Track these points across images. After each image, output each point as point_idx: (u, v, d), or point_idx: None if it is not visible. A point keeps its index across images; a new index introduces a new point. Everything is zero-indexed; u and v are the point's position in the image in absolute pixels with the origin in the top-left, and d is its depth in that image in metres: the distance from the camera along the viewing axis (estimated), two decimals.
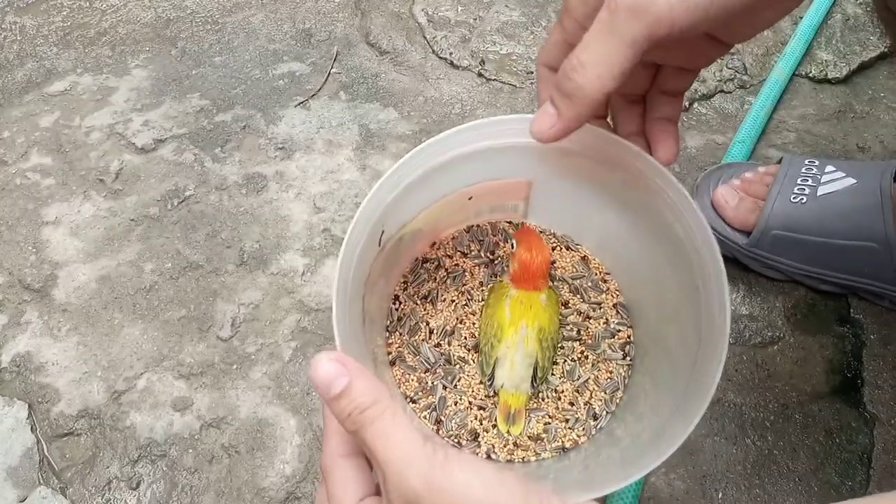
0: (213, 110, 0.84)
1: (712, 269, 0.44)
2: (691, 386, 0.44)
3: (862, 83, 0.90)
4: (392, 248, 0.50)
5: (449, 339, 0.57)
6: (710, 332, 0.45)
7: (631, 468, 0.41)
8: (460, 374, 0.56)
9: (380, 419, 0.33)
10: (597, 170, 0.49)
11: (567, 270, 0.60)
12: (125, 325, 0.69)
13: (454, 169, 0.48)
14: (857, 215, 0.67)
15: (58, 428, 0.64)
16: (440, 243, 0.60)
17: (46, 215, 0.76)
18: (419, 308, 0.58)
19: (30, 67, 0.87)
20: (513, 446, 0.53)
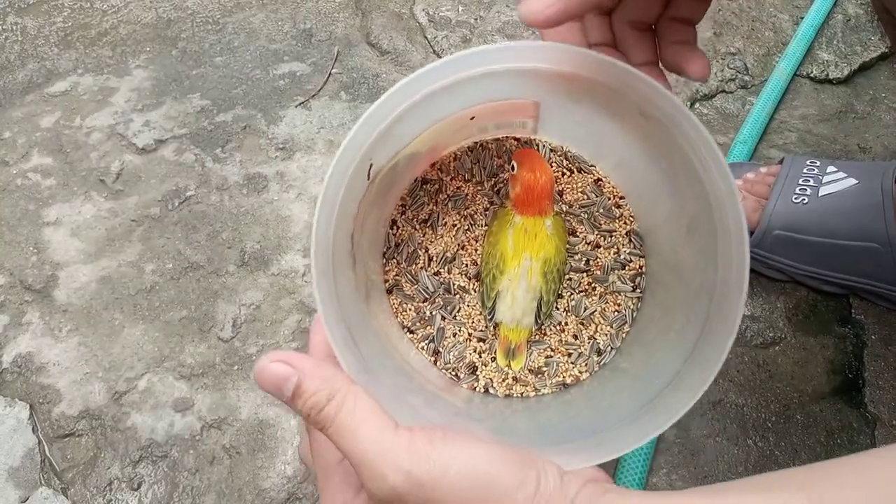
0: (214, 110, 0.84)
1: (731, 218, 0.40)
2: (711, 321, 0.42)
3: (863, 83, 0.90)
4: (386, 176, 0.47)
5: (449, 266, 0.55)
6: (725, 287, 0.42)
7: (640, 426, 0.39)
8: (460, 304, 0.54)
9: (340, 414, 0.31)
10: (611, 95, 0.45)
11: (577, 198, 0.56)
12: (126, 326, 0.69)
13: (452, 93, 0.43)
14: (858, 215, 0.67)
15: (59, 429, 0.64)
16: (441, 163, 0.56)
17: (47, 216, 0.76)
18: (418, 233, 0.55)
19: (31, 68, 0.87)
20: (512, 381, 0.52)
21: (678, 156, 0.44)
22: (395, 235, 0.54)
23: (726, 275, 0.41)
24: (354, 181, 0.41)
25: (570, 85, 0.46)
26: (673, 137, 0.44)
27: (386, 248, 0.54)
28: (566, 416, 0.50)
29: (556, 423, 0.49)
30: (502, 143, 0.57)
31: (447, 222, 0.55)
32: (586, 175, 0.57)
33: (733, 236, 0.40)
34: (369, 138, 0.40)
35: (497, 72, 0.43)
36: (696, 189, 0.44)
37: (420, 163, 0.54)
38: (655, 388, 0.43)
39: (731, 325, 0.39)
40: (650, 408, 0.41)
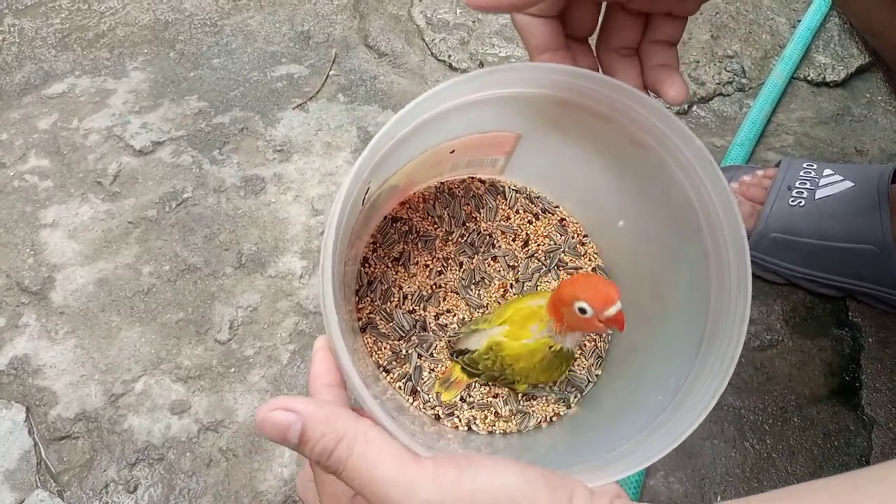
0: (212, 112, 0.84)
1: (729, 235, 0.41)
2: (703, 358, 0.42)
3: (860, 87, 0.91)
4: (367, 211, 0.47)
5: (424, 304, 0.54)
6: (721, 301, 0.42)
7: (649, 446, 0.39)
8: (436, 341, 0.53)
9: (352, 457, 0.30)
10: (593, 123, 0.46)
11: (541, 244, 0.57)
12: (123, 328, 0.69)
13: (444, 121, 0.44)
14: (854, 218, 0.67)
15: (55, 431, 0.64)
16: (410, 202, 0.57)
17: (44, 218, 0.76)
18: (391, 271, 0.55)
19: (28, 69, 0.87)
20: (493, 417, 0.51)
21: (665, 181, 0.45)
22: (368, 273, 0.54)
23: (721, 295, 0.42)
24: (353, 206, 0.41)
25: (555, 110, 0.47)
26: (660, 161, 0.44)
27: (359, 285, 0.54)
28: (564, 443, 0.50)
29: (556, 448, 0.49)
30: (469, 187, 0.58)
31: (419, 262, 0.56)
32: (550, 216, 0.58)
33: (732, 255, 0.41)
34: (373, 163, 0.40)
35: (488, 98, 0.44)
36: (680, 214, 0.44)
37: (394, 198, 0.55)
38: (653, 412, 0.43)
39: (733, 347, 0.39)
40: (650, 431, 0.41)
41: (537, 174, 0.57)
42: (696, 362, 0.42)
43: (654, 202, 0.47)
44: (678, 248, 0.46)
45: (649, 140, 0.44)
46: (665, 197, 0.45)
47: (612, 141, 0.46)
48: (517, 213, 0.58)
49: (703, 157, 0.42)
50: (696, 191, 0.43)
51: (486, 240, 0.57)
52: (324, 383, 0.36)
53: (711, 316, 0.42)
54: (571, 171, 0.53)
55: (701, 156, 0.42)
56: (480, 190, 0.58)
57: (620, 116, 0.44)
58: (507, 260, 0.57)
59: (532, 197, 0.58)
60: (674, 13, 0.42)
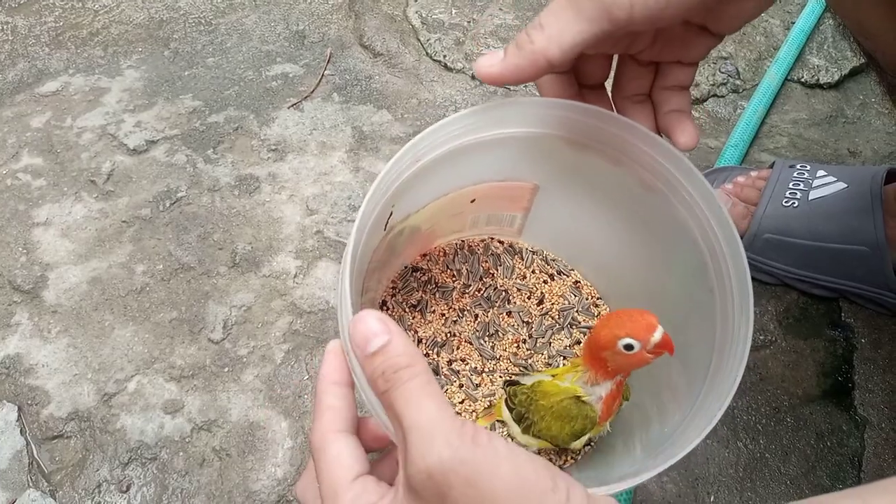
0: (206, 111, 0.84)
1: (732, 268, 0.42)
2: (709, 386, 0.43)
3: (853, 88, 0.91)
4: (389, 243, 0.48)
5: (438, 350, 0.56)
6: (724, 335, 0.43)
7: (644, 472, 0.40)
8: (448, 385, 0.55)
9: (412, 381, 0.31)
10: (605, 168, 0.47)
11: (556, 302, 0.59)
12: (116, 327, 0.69)
13: (463, 158, 0.45)
14: (847, 219, 0.67)
15: (47, 430, 0.64)
16: (430, 255, 0.59)
17: (37, 216, 0.75)
18: (408, 316, 0.57)
19: (21, 68, 0.87)
20: None
21: (671, 221, 0.45)
22: (386, 314, 0.55)
23: (725, 332, 0.42)
24: (376, 226, 0.42)
25: (573, 155, 0.48)
26: (668, 202, 0.45)
27: None
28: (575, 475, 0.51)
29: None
30: (488, 245, 0.60)
31: (436, 310, 0.58)
32: (565, 278, 0.60)
33: (733, 321, 0.41)
34: (395, 184, 0.41)
35: (505, 137, 0.45)
36: (687, 255, 0.45)
37: (415, 244, 0.56)
38: (663, 436, 0.44)
39: (729, 385, 0.41)
40: (664, 451, 0.42)
41: (553, 236, 0.59)
42: (697, 400, 0.43)
43: (663, 247, 0.48)
44: (687, 293, 0.47)
45: (658, 183, 0.45)
46: (673, 240, 0.46)
47: (624, 186, 0.48)
48: (533, 272, 0.60)
49: (704, 190, 0.42)
50: (699, 227, 0.43)
51: (502, 295, 0.59)
52: (332, 381, 0.37)
53: (716, 354, 0.43)
54: (585, 231, 0.54)
55: (702, 189, 0.42)
56: (499, 249, 0.60)
57: (631, 160, 0.45)
58: (522, 316, 0.59)
59: (548, 259, 0.60)
60: (682, 61, 0.43)
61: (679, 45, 0.42)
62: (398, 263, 0.57)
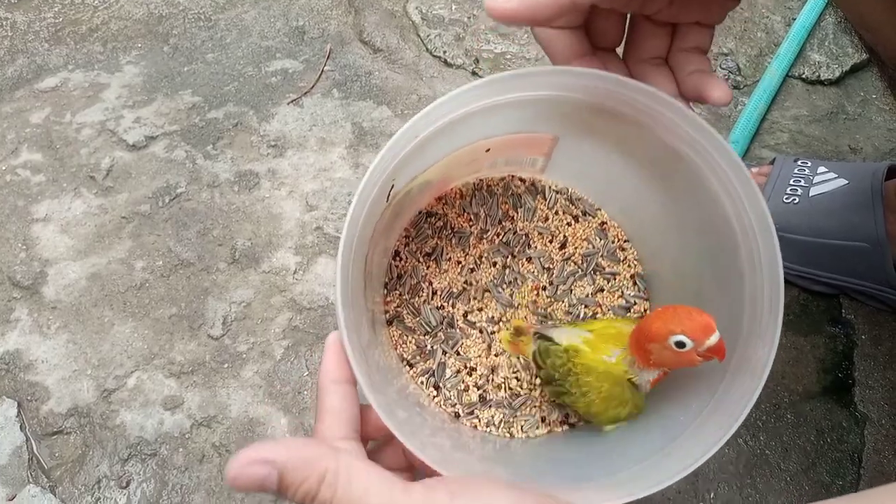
0: (206, 107, 0.84)
1: (765, 258, 0.39)
2: (736, 366, 0.40)
3: (854, 85, 0.91)
4: (398, 202, 0.46)
5: (453, 301, 0.54)
6: (752, 328, 0.40)
7: (660, 469, 0.38)
8: (463, 339, 0.53)
9: (338, 493, 0.29)
10: (628, 131, 0.44)
11: (579, 247, 0.55)
12: (115, 323, 0.69)
13: (474, 122, 0.43)
14: (848, 216, 0.67)
15: (47, 426, 0.64)
16: (446, 197, 0.56)
17: (36, 212, 0.75)
18: (422, 266, 0.54)
19: (20, 63, 0.87)
20: (512, 419, 0.50)
21: (701, 193, 0.42)
22: (398, 266, 0.54)
23: (753, 319, 0.40)
24: (375, 203, 0.40)
25: (591, 118, 0.45)
26: (697, 171, 0.42)
27: (388, 278, 0.53)
28: (580, 454, 0.48)
29: (571, 460, 0.48)
30: (508, 185, 0.56)
31: (451, 258, 0.55)
32: (591, 219, 0.56)
33: (766, 275, 0.39)
34: (395, 160, 0.39)
35: (519, 100, 0.42)
36: (718, 229, 0.42)
37: (429, 192, 0.54)
38: (672, 433, 0.41)
39: (758, 375, 0.38)
40: (668, 452, 0.40)
41: (578, 175, 0.55)
42: (720, 387, 0.41)
43: (694, 216, 0.46)
44: (716, 266, 0.44)
45: (686, 150, 0.42)
46: (705, 213, 0.43)
47: (650, 149, 0.45)
48: (556, 213, 0.57)
49: (743, 176, 0.40)
50: (735, 210, 0.41)
51: (522, 240, 0.56)
52: (332, 379, 0.36)
53: (741, 341, 0.41)
54: (613, 175, 0.51)
55: (741, 175, 0.40)
56: (520, 189, 0.56)
57: (656, 124, 0.42)
58: (543, 262, 0.55)
59: (573, 198, 0.56)
60: (701, 22, 0.41)
61: (698, 5, 0.40)
62: (411, 211, 0.54)
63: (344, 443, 0.34)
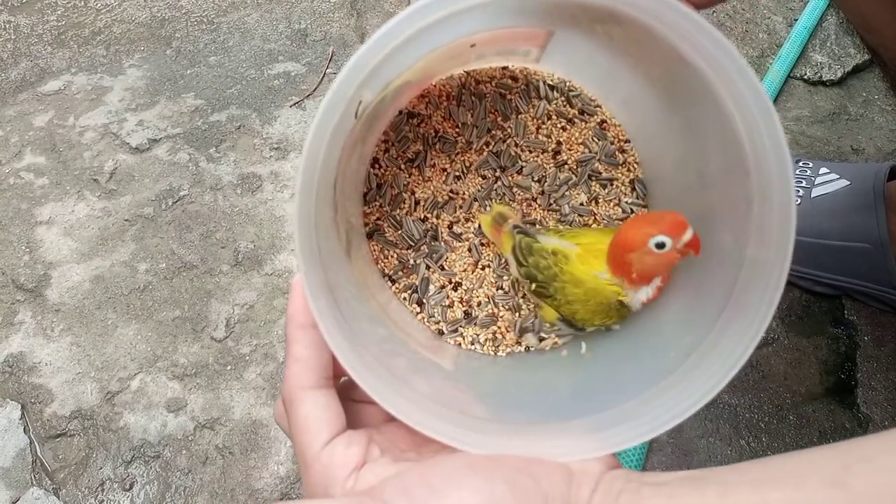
0: (208, 110, 0.84)
1: (777, 187, 0.35)
2: (741, 294, 0.37)
3: (856, 85, 0.91)
4: (372, 110, 0.41)
5: (438, 212, 0.50)
6: (757, 260, 0.36)
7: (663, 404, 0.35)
8: (448, 252, 0.49)
9: None
10: (634, 31, 0.39)
11: (574, 153, 0.51)
12: (119, 326, 0.69)
13: (456, 21, 0.38)
14: (850, 216, 0.67)
15: (51, 429, 0.64)
16: (430, 96, 0.51)
17: (40, 215, 0.75)
18: (403, 174, 0.50)
19: (24, 66, 0.87)
20: (501, 336, 0.48)
21: (712, 107, 0.38)
22: (378, 176, 0.49)
23: (763, 247, 0.36)
24: (341, 125, 0.36)
25: (591, 13, 0.40)
26: (709, 85, 0.37)
27: (367, 188, 0.49)
28: (570, 379, 0.46)
29: (559, 386, 0.45)
30: (499, 82, 0.51)
31: (436, 165, 0.50)
32: (589, 119, 0.51)
33: (776, 207, 0.35)
34: (359, 79, 0.35)
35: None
36: (727, 148, 0.38)
37: (409, 93, 0.48)
38: (671, 360, 0.38)
39: (759, 318, 0.35)
40: (672, 383, 0.37)
41: (577, 66, 0.50)
42: (717, 324, 0.37)
43: (703, 128, 0.42)
44: (724, 187, 0.41)
45: (700, 61, 0.37)
46: (715, 128, 0.39)
47: (658, 52, 0.40)
48: (550, 118, 0.51)
49: (761, 100, 0.35)
50: (748, 131, 0.37)
51: (513, 153, 0.51)
52: (299, 325, 0.34)
53: (744, 274, 0.37)
54: (615, 67, 0.46)
55: (759, 98, 0.35)
56: (511, 91, 0.51)
57: (667, 30, 0.37)
58: (535, 175, 0.51)
59: (570, 96, 0.51)
60: None
61: None
62: (390, 113, 0.49)
63: (311, 393, 0.33)
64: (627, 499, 0.29)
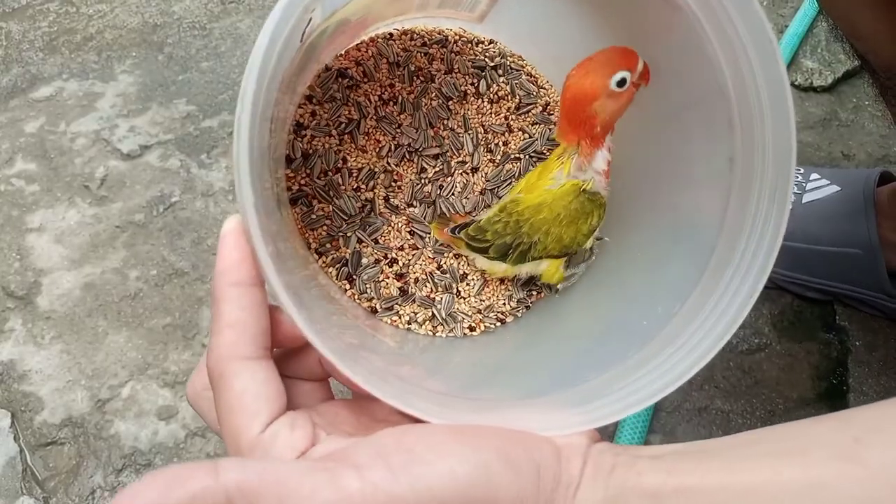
0: (200, 116, 0.84)
1: (773, 135, 0.31)
2: (704, 290, 0.34)
3: (847, 91, 0.91)
4: (309, 45, 0.36)
5: (372, 183, 0.46)
6: (740, 220, 0.33)
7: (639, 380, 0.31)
8: (383, 225, 0.46)
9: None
10: None
11: (518, 138, 0.48)
12: (109, 333, 0.69)
13: None
14: (841, 222, 0.67)
15: (41, 437, 0.64)
16: (362, 59, 0.46)
17: (31, 222, 0.75)
18: (333, 140, 0.46)
19: (15, 73, 0.87)
20: (439, 320, 0.44)
21: (695, 58, 0.34)
22: (304, 142, 0.46)
23: (742, 215, 0.33)
24: (290, 42, 0.30)
25: None
26: (695, 29, 0.33)
27: (289, 150, 0.45)
28: (532, 356, 0.42)
29: (523, 363, 0.42)
30: (434, 55, 0.47)
31: (370, 135, 0.46)
32: (535, 103, 0.48)
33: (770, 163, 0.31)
34: None
35: None
36: (706, 101, 0.35)
37: (343, 38, 0.44)
38: (645, 328, 0.35)
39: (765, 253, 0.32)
40: (655, 351, 0.33)
41: (528, 30, 0.46)
42: (693, 291, 0.34)
43: (677, 80, 0.38)
44: (697, 146, 0.38)
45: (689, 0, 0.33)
46: (692, 77, 0.35)
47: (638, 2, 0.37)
48: (495, 111, 0.48)
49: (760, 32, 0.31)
50: (735, 75, 0.32)
51: (456, 143, 0.48)
52: (233, 281, 0.29)
53: (723, 238, 0.34)
54: (576, 29, 0.43)
55: (758, 30, 0.31)
56: (454, 73, 0.47)
57: None
58: (479, 167, 0.49)
59: (513, 82, 0.48)
60: None
61: None
62: (316, 65, 0.45)
63: (248, 365, 0.28)
64: (622, 473, 0.27)
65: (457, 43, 0.48)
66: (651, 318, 0.35)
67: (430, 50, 0.48)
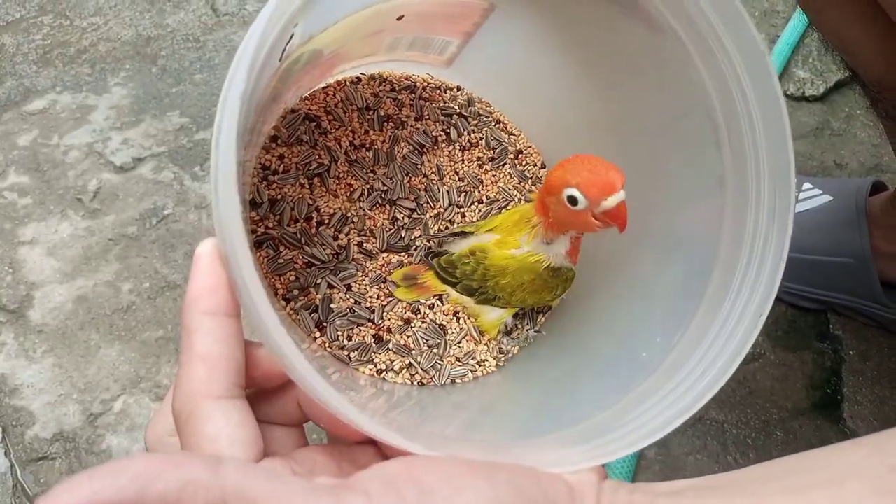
0: (193, 128, 0.84)
1: (767, 153, 0.29)
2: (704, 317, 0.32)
3: (839, 101, 0.92)
4: (281, 76, 0.34)
5: (346, 228, 0.45)
6: (735, 246, 0.31)
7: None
8: (357, 272, 0.44)
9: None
10: (592, 13, 0.35)
11: (490, 189, 0.47)
12: (102, 347, 0.68)
13: None
14: (834, 231, 0.68)
15: (32, 452, 0.63)
16: (328, 105, 0.46)
17: (23, 235, 0.75)
18: (304, 189, 0.45)
19: (9, 86, 0.87)
20: (415, 370, 0.43)
21: (682, 84, 0.33)
22: (271, 185, 0.44)
23: (738, 239, 0.31)
24: (272, 54, 0.28)
25: None
26: (682, 50, 0.32)
27: (252, 195, 0.43)
28: (524, 398, 0.41)
29: (517, 405, 0.41)
30: (402, 102, 0.46)
31: (341, 179, 0.45)
32: (504, 157, 0.48)
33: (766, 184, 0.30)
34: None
35: None
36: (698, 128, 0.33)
37: (314, 73, 0.43)
38: (645, 361, 0.34)
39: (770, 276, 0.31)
40: (658, 383, 0.32)
41: (496, 73, 0.45)
42: (692, 322, 0.33)
43: (661, 108, 0.37)
44: (684, 168, 0.36)
45: (673, 22, 0.31)
46: (676, 97, 0.34)
47: (616, 25, 0.35)
48: (466, 160, 0.48)
49: (753, 52, 0.29)
50: (723, 97, 0.31)
51: (430, 192, 0.48)
52: (205, 311, 0.26)
53: (720, 262, 0.33)
54: (548, 74, 0.41)
55: (751, 51, 0.29)
56: (425, 119, 0.47)
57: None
58: (450, 215, 0.48)
59: (484, 128, 0.47)
60: None
61: None
62: (282, 103, 0.43)
63: (221, 404, 0.25)
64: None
65: (425, 89, 0.48)
66: (650, 350, 0.34)
67: (400, 96, 0.47)
